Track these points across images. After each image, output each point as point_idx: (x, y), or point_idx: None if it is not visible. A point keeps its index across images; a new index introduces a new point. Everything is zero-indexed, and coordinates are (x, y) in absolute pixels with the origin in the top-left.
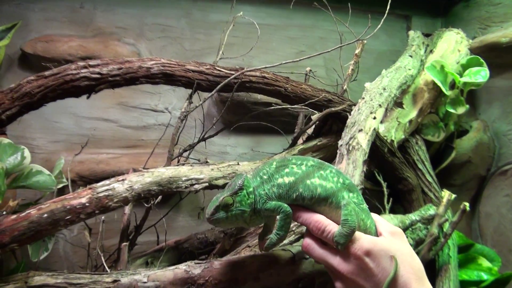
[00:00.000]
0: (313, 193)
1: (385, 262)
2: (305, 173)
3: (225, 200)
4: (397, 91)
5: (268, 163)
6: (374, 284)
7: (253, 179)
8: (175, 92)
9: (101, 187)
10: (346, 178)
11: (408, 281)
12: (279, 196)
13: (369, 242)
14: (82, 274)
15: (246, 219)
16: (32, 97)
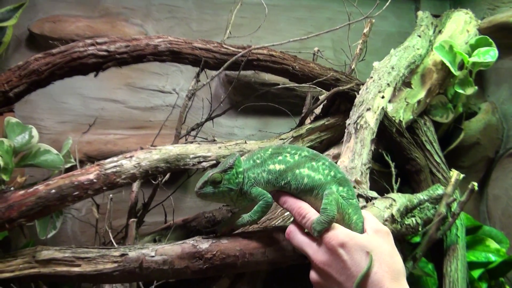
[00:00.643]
0: (300, 182)
1: (360, 257)
2: (296, 163)
3: (214, 176)
4: (405, 70)
5: (264, 149)
6: (347, 277)
7: (246, 161)
8: (183, 73)
9: (109, 164)
10: (338, 171)
11: (382, 279)
12: (268, 182)
13: (345, 235)
14: (89, 249)
15: (232, 198)
16: (39, 74)
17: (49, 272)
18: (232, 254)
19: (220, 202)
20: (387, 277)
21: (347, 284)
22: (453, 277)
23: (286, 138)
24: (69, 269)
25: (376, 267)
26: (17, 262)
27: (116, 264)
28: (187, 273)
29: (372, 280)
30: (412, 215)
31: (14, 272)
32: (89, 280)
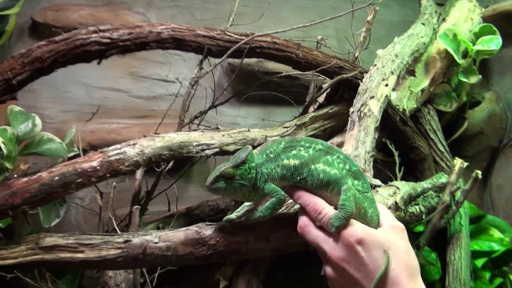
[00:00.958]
0: (316, 178)
1: (377, 254)
2: (311, 157)
3: (226, 171)
4: (409, 58)
5: (277, 142)
6: (364, 274)
7: (258, 155)
8: (186, 62)
9: (112, 151)
10: (353, 164)
11: (399, 276)
12: (282, 178)
13: (363, 231)
14: (93, 235)
15: (244, 193)
16: (42, 62)
17: (52, 258)
18: (235, 240)
19: (232, 197)
20: (404, 274)
21: (364, 281)
22: (457, 265)
23: (289, 126)
24: (73, 256)
25: (393, 264)
26: (21, 249)
27: (120, 251)
28: (191, 260)
29: (390, 277)
30: (415, 203)
31: (17, 258)
32: (93, 266)
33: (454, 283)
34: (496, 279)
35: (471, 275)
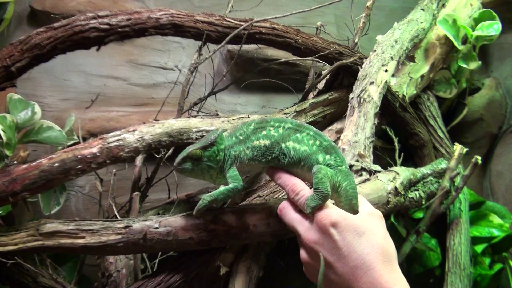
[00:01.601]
0: (288, 156)
1: (352, 238)
2: (281, 136)
3: (193, 152)
4: (409, 44)
5: (247, 124)
6: (337, 257)
7: (228, 137)
8: (185, 50)
9: (112, 137)
10: (324, 139)
11: (373, 261)
12: (252, 158)
13: (338, 215)
14: (93, 221)
15: (212, 175)
16: (41, 48)
17: (53, 244)
18: (235, 225)
19: (199, 178)
20: (379, 258)
21: (337, 264)
22: (457, 250)
23: (289, 112)
24: (73, 241)
25: (368, 248)
26: (21, 235)
27: (120, 236)
28: (191, 244)
29: (364, 261)
30: (415, 189)
31: (18, 245)
32: (93, 251)
33: (454, 268)
34: (496, 264)
35: (471, 261)
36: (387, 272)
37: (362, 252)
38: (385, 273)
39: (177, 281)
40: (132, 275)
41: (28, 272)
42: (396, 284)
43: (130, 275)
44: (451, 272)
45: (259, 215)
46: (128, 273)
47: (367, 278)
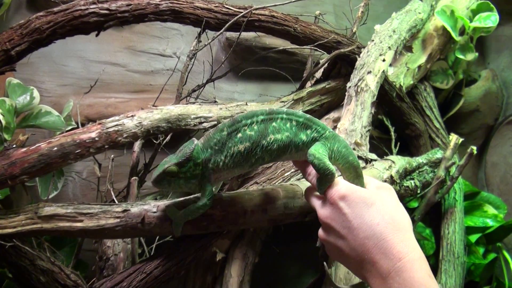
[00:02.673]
0: (271, 151)
1: (361, 210)
2: (259, 133)
3: (169, 169)
4: (407, 34)
5: (218, 129)
6: (348, 230)
7: (203, 149)
8: (183, 37)
9: (111, 123)
10: (298, 116)
11: (384, 231)
12: (237, 165)
13: (347, 189)
14: (92, 205)
15: (191, 187)
16: (41, 33)
17: (51, 227)
18: (233, 211)
19: (179, 191)
20: (390, 228)
21: (349, 237)
22: (451, 239)
23: (287, 101)
24: (72, 225)
25: (377, 219)
26: (19, 218)
27: (119, 220)
28: (188, 229)
29: (374, 232)
30: (411, 178)
31: (16, 228)
32: (92, 235)
33: (448, 256)
34: (490, 254)
35: (465, 250)
36: (399, 241)
37: (371, 222)
38: (397, 242)
39: (174, 264)
40: (129, 259)
41: (26, 255)
42: (409, 252)
43: (127, 259)
44: (445, 260)
45: (256, 201)
46: (125, 257)
47: (378, 248)
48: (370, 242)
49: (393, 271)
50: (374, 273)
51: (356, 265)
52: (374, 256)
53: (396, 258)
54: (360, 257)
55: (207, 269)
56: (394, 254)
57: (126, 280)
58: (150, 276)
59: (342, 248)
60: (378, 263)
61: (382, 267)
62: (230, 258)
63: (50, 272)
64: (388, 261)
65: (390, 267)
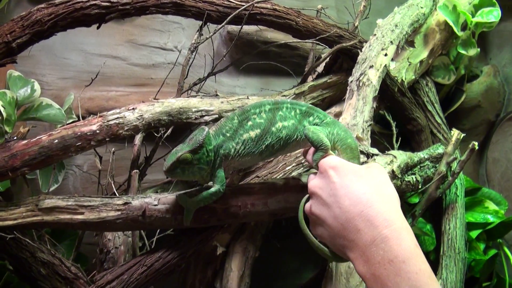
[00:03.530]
0: (281, 138)
1: (350, 180)
2: (268, 121)
3: (184, 156)
4: (409, 29)
5: (229, 118)
6: (334, 198)
7: (215, 136)
8: (184, 31)
9: (112, 115)
10: (300, 105)
11: (371, 199)
12: (248, 154)
13: (338, 160)
14: (92, 197)
15: (203, 176)
16: (42, 25)
17: (52, 220)
18: (234, 204)
19: (190, 179)
20: (377, 198)
21: (334, 205)
22: (452, 234)
23: (288, 95)
24: (72, 217)
25: (365, 189)
26: (20, 210)
27: (119, 212)
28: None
29: (361, 200)
30: (412, 173)
31: (17, 220)
32: (92, 227)
33: (449, 252)
34: (490, 250)
35: (466, 245)
36: (386, 210)
37: (358, 192)
38: (384, 210)
39: (175, 257)
40: (130, 252)
41: (27, 247)
42: (395, 221)
43: (128, 252)
44: (445, 255)
45: (257, 194)
46: (126, 250)
47: (363, 216)
48: (355, 209)
49: (378, 238)
50: (356, 242)
51: (338, 238)
52: (358, 224)
53: (382, 225)
54: (342, 226)
55: (207, 263)
56: (380, 222)
57: (126, 272)
58: (151, 269)
59: (326, 218)
60: (362, 230)
61: (366, 235)
62: (231, 252)
63: (50, 264)
64: (373, 229)
65: (376, 234)
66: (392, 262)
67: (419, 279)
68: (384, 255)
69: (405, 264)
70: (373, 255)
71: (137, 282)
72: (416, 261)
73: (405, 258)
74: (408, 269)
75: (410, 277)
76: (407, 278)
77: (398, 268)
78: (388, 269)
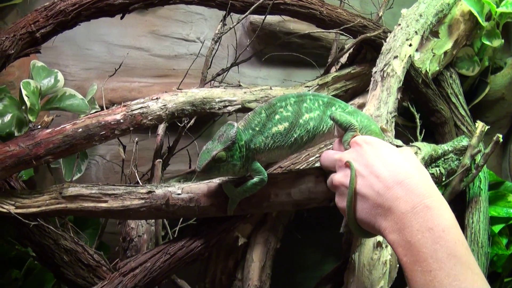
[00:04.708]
0: (308, 130)
1: (386, 153)
2: (295, 114)
3: (219, 155)
4: (433, 19)
5: (257, 112)
6: (371, 169)
7: (244, 131)
8: (207, 22)
9: (136, 105)
10: (322, 96)
11: (410, 171)
12: (277, 147)
13: (370, 137)
14: (116, 186)
15: (235, 171)
16: (66, 15)
17: (75, 207)
18: (257, 194)
19: (223, 176)
20: (415, 171)
21: (371, 175)
22: (475, 228)
23: (311, 86)
24: (96, 205)
25: (402, 161)
26: (44, 198)
27: (143, 201)
28: (213, 211)
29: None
30: (436, 165)
31: (40, 207)
32: (116, 215)
33: (472, 246)
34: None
35: (489, 240)
36: (425, 184)
37: (397, 163)
38: (424, 183)
39: (198, 246)
40: (153, 241)
41: (50, 234)
42: (434, 194)
43: (151, 240)
44: None
45: (280, 184)
46: (149, 238)
47: (404, 185)
48: (396, 178)
49: (419, 206)
50: (392, 210)
51: (370, 206)
52: (398, 192)
53: (423, 195)
54: (378, 194)
55: (229, 254)
56: (421, 192)
57: (150, 260)
58: (174, 257)
59: (359, 188)
60: (402, 198)
61: (406, 203)
62: (252, 243)
63: (73, 251)
64: (414, 197)
65: (417, 202)
66: (432, 230)
67: (457, 249)
68: (423, 223)
69: (445, 233)
70: (411, 223)
71: (160, 270)
72: (455, 232)
73: (445, 227)
74: (447, 238)
75: (449, 246)
76: (446, 246)
77: (438, 236)
78: (426, 237)
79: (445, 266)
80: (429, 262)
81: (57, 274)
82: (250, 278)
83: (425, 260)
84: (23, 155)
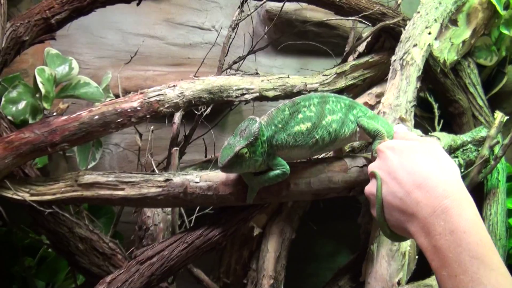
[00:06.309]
0: (330, 132)
1: (407, 156)
2: (318, 115)
3: (242, 151)
4: (452, 7)
5: (280, 109)
6: (393, 176)
7: (267, 127)
8: (222, 10)
9: (153, 92)
10: (344, 98)
11: (429, 171)
12: (297, 146)
13: (394, 141)
14: (133, 174)
15: (256, 167)
16: (81, 1)
17: (91, 195)
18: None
19: (244, 171)
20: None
21: (393, 182)
22: (493, 220)
23: (329, 74)
24: (112, 193)
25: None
26: (59, 186)
27: (161, 189)
28: (231, 200)
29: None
30: (455, 156)
31: (55, 195)
32: (133, 203)
33: None
34: None
35: (506, 232)
36: (444, 181)
37: (416, 165)
38: (442, 182)
39: (216, 235)
40: (169, 230)
41: (65, 222)
42: (455, 192)
43: (167, 229)
44: None
45: (300, 173)
46: (165, 227)
47: (422, 188)
48: (414, 183)
49: (438, 209)
50: (416, 216)
51: (397, 214)
52: (417, 196)
53: (442, 196)
54: (402, 201)
55: (244, 244)
56: (439, 193)
57: (167, 249)
58: (191, 246)
59: (384, 196)
60: (422, 202)
61: (426, 207)
62: (267, 234)
63: (88, 240)
64: (433, 200)
65: (436, 205)
66: (453, 233)
67: (479, 250)
68: (445, 226)
69: (466, 234)
70: (434, 227)
71: (177, 258)
72: (477, 232)
73: (466, 228)
74: (469, 240)
75: (471, 248)
76: (468, 248)
77: (459, 239)
78: (449, 240)
79: (469, 269)
80: (454, 266)
81: (72, 262)
82: (265, 269)
83: (450, 264)
84: (38, 142)
